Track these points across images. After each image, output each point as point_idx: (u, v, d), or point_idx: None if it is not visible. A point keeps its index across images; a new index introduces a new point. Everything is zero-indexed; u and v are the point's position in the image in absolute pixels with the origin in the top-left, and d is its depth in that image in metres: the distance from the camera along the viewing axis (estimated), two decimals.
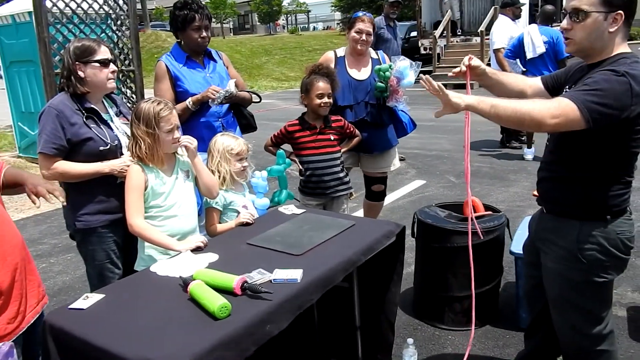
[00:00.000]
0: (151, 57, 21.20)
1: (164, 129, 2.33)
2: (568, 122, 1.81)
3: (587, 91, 1.82)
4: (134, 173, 2.35)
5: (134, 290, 1.94)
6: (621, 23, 1.88)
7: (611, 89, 1.80)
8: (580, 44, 1.95)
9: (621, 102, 1.80)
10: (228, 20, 41.77)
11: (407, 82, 3.75)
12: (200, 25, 3.13)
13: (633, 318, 3.14)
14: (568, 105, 1.80)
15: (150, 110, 2.31)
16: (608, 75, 1.84)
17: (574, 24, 1.92)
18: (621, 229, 2.00)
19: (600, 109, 1.79)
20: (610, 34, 1.89)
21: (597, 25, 1.89)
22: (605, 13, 1.87)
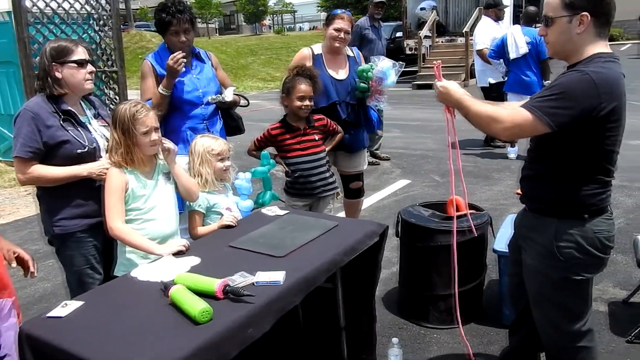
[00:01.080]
0: (135, 57, 21.02)
1: (140, 130, 2.29)
2: (524, 131, 1.95)
3: (546, 97, 1.89)
4: (114, 175, 2.32)
5: (113, 296, 1.91)
6: (589, 24, 1.91)
7: (572, 90, 1.85)
8: (554, 48, 2.03)
9: (585, 101, 1.83)
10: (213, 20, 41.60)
11: (390, 82, 3.77)
12: (178, 29, 3.08)
13: (614, 313, 3.18)
14: (522, 115, 1.90)
15: (126, 112, 2.28)
16: (571, 76, 1.89)
17: (547, 30, 2.01)
18: (599, 228, 2.02)
19: (561, 111, 1.85)
20: (579, 35, 1.93)
21: (563, 29, 1.94)
22: (569, 16, 1.92)
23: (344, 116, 3.67)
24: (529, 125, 1.89)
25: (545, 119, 1.86)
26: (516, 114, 1.92)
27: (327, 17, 3.80)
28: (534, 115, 1.87)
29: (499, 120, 1.95)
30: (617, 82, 1.90)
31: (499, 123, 1.95)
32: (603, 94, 1.83)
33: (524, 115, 1.90)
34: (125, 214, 2.34)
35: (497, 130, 2.00)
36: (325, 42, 3.75)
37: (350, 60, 3.82)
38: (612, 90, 1.86)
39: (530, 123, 1.88)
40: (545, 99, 1.89)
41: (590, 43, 1.95)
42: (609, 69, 1.89)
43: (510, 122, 1.93)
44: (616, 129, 1.93)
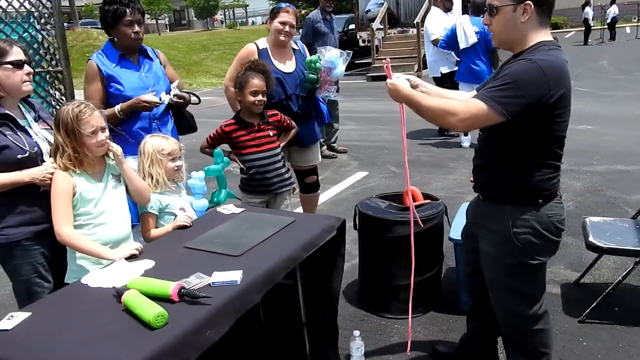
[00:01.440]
0: (82, 56, 20.32)
1: (87, 131, 2.21)
2: (479, 121, 1.96)
3: (497, 87, 1.92)
4: (60, 179, 2.22)
5: (63, 305, 1.84)
6: (532, 12, 1.95)
7: (522, 78, 1.88)
8: (500, 37, 2.07)
9: (536, 89, 1.87)
10: (163, 16, 40.72)
11: (339, 71, 3.78)
12: (133, 19, 2.98)
13: (566, 295, 3.28)
14: (477, 106, 1.92)
15: (69, 113, 2.19)
16: (520, 65, 1.92)
17: (491, 19, 2.04)
18: (552, 212, 2.08)
19: (513, 100, 1.88)
20: (524, 24, 1.97)
21: (508, 17, 1.98)
22: (513, 5, 1.95)
23: (295, 109, 3.64)
24: (484, 115, 1.91)
25: (499, 109, 1.88)
26: (470, 105, 1.94)
27: (272, 10, 3.75)
28: (487, 105, 1.90)
29: (454, 113, 1.96)
30: (564, 69, 1.95)
31: (453, 115, 1.96)
32: (551, 81, 1.88)
33: (478, 105, 1.92)
34: (75, 219, 2.26)
35: (452, 123, 2.00)
36: (271, 35, 3.71)
37: (296, 53, 3.80)
38: (559, 77, 1.91)
39: (485, 113, 1.91)
40: (497, 88, 1.91)
41: (534, 31, 1.99)
42: (555, 56, 1.94)
43: (465, 113, 1.94)
44: (565, 115, 1.98)
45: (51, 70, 5.23)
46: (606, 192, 4.98)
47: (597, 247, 2.98)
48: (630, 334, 2.85)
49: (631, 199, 4.72)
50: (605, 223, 3.25)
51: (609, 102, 9.41)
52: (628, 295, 3.21)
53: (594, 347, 2.76)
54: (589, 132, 7.18)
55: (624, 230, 3.15)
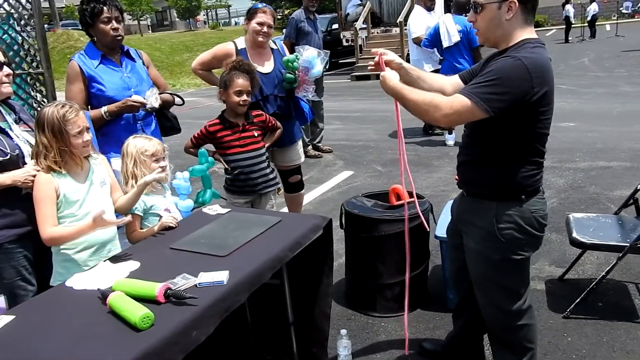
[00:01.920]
0: (63, 57, 20.14)
1: (73, 131, 2.18)
2: (462, 117, 1.96)
3: (482, 83, 1.93)
4: (42, 182, 2.19)
5: (48, 308, 1.81)
6: (517, 10, 1.97)
7: (507, 76, 1.90)
8: (485, 34, 2.08)
9: (519, 87, 1.89)
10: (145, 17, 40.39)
11: (316, 71, 3.78)
12: (110, 16, 2.96)
13: (550, 290, 3.32)
14: (460, 102, 1.93)
15: (54, 114, 2.16)
16: (505, 62, 1.93)
17: (476, 16, 2.05)
18: (535, 208, 2.10)
19: (497, 97, 1.89)
20: (508, 21, 1.99)
21: (493, 15, 1.99)
22: (498, 3, 1.97)
23: (272, 110, 3.63)
24: (467, 111, 1.93)
25: (483, 105, 1.90)
26: (454, 101, 1.95)
27: (249, 11, 3.73)
28: (471, 101, 1.91)
29: (438, 108, 1.97)
30: (547, 66, 1.97)
31: (437, 110, 1.97)
32: (535, 79, 1.89)
33: (462, 101, 1.93)
34: (60, 221, 2.22)
35: (435, 117, 2.01)
36: (248, 36, 3.70)
37: (275, 52, 3.79)
38: (543, 74, 1.93)
39: (468, 109, 1.92)
40: (481, 85, 1.93)
41: (519, 29, 2.00)
42: (539, 54, 1.96)
43: (449, 108, 1.95)
44: (548, 112, 2.00)
45: (32, 72, 5.15)
46: (589, 188, 5.04)
47: (581, 243, 3.01)
48: (614, 328, 2.88)
49: (613, 195, 4.78)
50: (588, 219, 3.29)
51: (590, 99, 9.52)
52: (611, 291, 3.25)
53: (579, 342, 2.79)
54: (571, 129, 7.27)
55: (606, 226, 3.19)
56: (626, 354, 2.68)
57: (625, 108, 8.39)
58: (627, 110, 8.20)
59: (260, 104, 3.58)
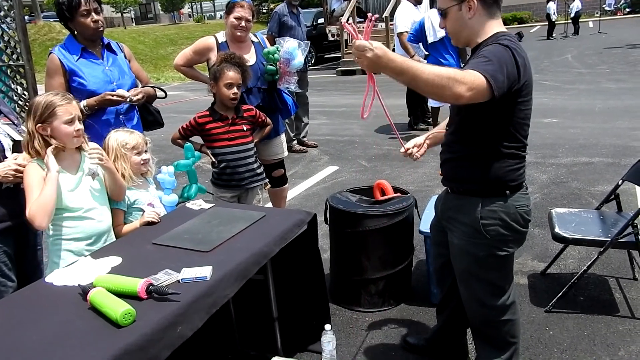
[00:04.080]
0: (45, 50, 19.81)
1: (63, 119, 2.15)
2: (479, 95, 1.77)
3: (484, 62, 1.82)
4: (32, 170, 2.16)
5: (27, 304, 1.78)
6: (477, 7, 1.98)
7: (503, 59, 1.86)
8: (455, 36, 2.11)
9: (513, 72, 1.87)
10: (129, 9, 39.92)
11: (297, 62, 3.77)
12: (89, 8, 2.89)
13: (533, 285, 3.35)
14: (479, 79, 1.76)
15: (45, 101, 2.14)
16: (495, 47, 1.91)
17: (444, 22, 2.09)
18: (519, 203, 2.11)
19: (500, 77, 1.80)
20: (471, 19, 2.00)
21: (457, 16, 2.02)
22: (457, 4, 2.00)
23: (255, 102, 3.62)
24: (482, 90, 1.76)
25: (492, 81, 1.77)
26: (475, 77, 1.76)
27: (227, 5, 3.70)
28: (484, 76, 1.77)
29: (461, 81, 1.73)
30: (527, 58, 1.97)
31: (460, 84, 1.73)
32: (520, 66, 1.89)
33: (479, 78, 1.76)
34: (57, 214, 2.19)
35: (459, 92, 1.74)
36: (227, 30, 3.69)
37: (256, 45, 3.78)
38: (525, 64, 1.93)
39: (482, 85, 1.76)
40: (485, 63, 1.81)
41: (486, 24, 2.01)
42: (517, 45, 1.96)
43: (471, 83, 1.74)
44: (528, 103, 2.01)
45: (12, 64, 5.07)
46: (571, 183, 5.10)
47: (563, 238, 3.04)
48: (594, 322, 2.92)
49: (595, 190, 4.84)
50: (570, 214, 3.32)
51: (573, 95, 9.62)
52: (592, 285, 3.29)
53: (560, 336, 2.82)
54: (554, 125, 7.33)
55: (588, 221, 3.22)
56: (606, 347, 2.71)
57: (607, 104, 8.49)
58: (608, 107, 8.31)
59: (244, 97, 3.56)
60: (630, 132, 6.71)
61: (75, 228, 2.23)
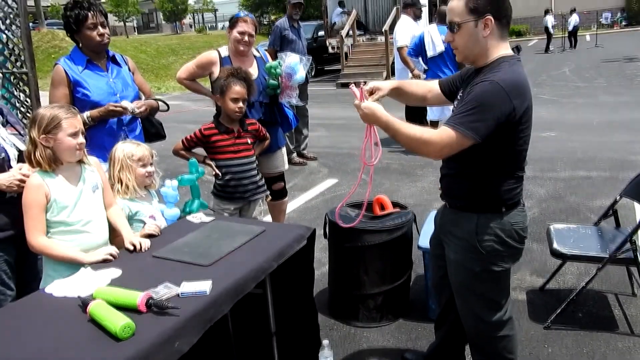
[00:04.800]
0: (48, 57, 19.95)
1: (68, 131, 2.16)
2: (454, 149, 1.99)
3: (464, 113, 1.96)
4: (33, 188, 2.16)
5: (26, 314, 1.78)
6: (493, 26, 2.00)
7: (487, 101, 1.93)
8: (463, 52, 2.10)
9: (501, 109, 1.92)
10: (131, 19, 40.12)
11: (299, 77, 3.82)
12: (96, 22, 2.94)
13: (531, 301, 3.35)
14: (449, 135, 1.96)
15: (51, 113, 2.15)
16: (482, 87, 1.96)
17: (454, 36, 2.07)
18: (515, 220, 2.13)
19: (482, 123, 1.93)
20: (485, 38, 2.02)
21: (471, 32, 2.02)
22: (474, 20, 2.00)
23: (257, 116, 3.66)
24: (456, 142, 1.96)
25: (469, 134, 1.93)
26: (443, 135, 1.98)
27: (230, 20, 3.77)
28: (457, 132, 1.94)
29: (430, 143, 2.00)
30: (524, 84, 2.00)
31: (430, 145, 2.00)
32: (514, 99, 1.93)
33: (450, 134, 1.96)
34: (53, 227, 2.20)
35: (428, 152, 2.04)
36: (230, 45, 3.73)
37: (258, 59, 3.82)
38: (521, 93, 1.96)
39: (457, 140, 1.95)
40: (464, 114, 1.96)
41: (495, 45, 2.04)
42: (516, 72, 1.99)
43: (439, 143, 1.98)
44: (528, 129, 2.04)
45: (16, 71, 5.10)
46: (569, 198, 5.11)
47: (561, 254, 3.05)
48: (594, 339, 2.92)
49: (593, 205, 4.85)
50: (568, 230, 3.33)
51: (571, 109, 9.67)
52: (591, 301, 3.29)
53: (559, 353, 2.82)
54: (552, 139, 7.37)
55: (586, 237, 3.23)
56: None
57: (604, 118, 8.54)
58: (606, 121, 8.35)
59: (245, 111, 3.58)
60: (627, 146, 6.74)
61: (72, 242, 2.23)
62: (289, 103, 3.90)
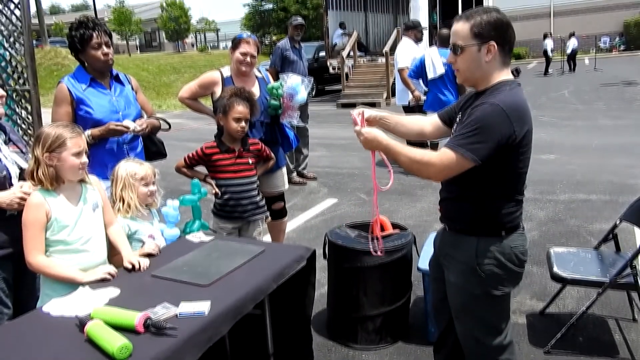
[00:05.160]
0: (50, 74, 20.11)
1: (72, 150, 2.16)
2: (453, 170, 2.00)
3: (464, 134, 1.97)
4: (33, 206, 2.15)
5: (22, 333, 1.77)
6: (495, 52, 2.02)
7: (487, 123, 1.94)
8: (464, 75, 2.12)
9: (501, 131, 1.93)
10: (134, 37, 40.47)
11: (301, 98, 3.86)
12: (100, 42, 2.98)
13: (531, 325, 3.32)
14: (448, 157, 1.98)
15: (55, 132, 2.15)
16: (483, 109, 1.97)
17: (456, 57, 2.09)
18: (515, 244, 2.12)
19: (482, 145, 1.94)
20: (487, 63, 2.03)
21: (473, 57, 2.04)
22: (478, 45, 2.01)
23: (258, 136, 3.68)
24: (456, 164, 1.97)
25: (470, 155, 1.94)
26: (443, 157, 2.00)
27: (233, 40, 3.82)
28: (457, 154, 1.96)
29: (430, 165, 2.02)
30: (525, 107, 2.01)
31: (430, 167, 2.02)
32: (515, 122, 1.94)
33: (449, 156, 1.98)
34: (53, 245, 2.19)
35: (429, 174, 2.07)
36: (232, 65, 3.77)
37: (259, 80, 3.87)
38: (522, 116, 1.97)
39: (457, 162, 1.96)
40: (464, 136, 1.97)
41: (497, 70, 2.06)
42: (517, 95, 2.01)
43: (440, 165, 2.00)
44: (527, 152, 2.05)
45: (18, 88, 5.13)
46: (569, 221, 5.11)
47: (562, 278, 3.04)
48: None
49: (593, 228, 4.85)
50: (568, 253, 3.32)
51: (570, 131, 9.71)
52: (592, 325, 3.27)
53: None
54: (551, 161, 7.38)
55: (586, 261, 3.22)
56: None
57: (603, 141, 8.57)
58: (605, 143, 8.38)
59: (247, 130, 3.60)
60: (627, 170, 6.75)
61: (71, 261, 2.22)
62: (289, 123, 3.93)
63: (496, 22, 2.00)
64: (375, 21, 20.52)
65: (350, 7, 18.77)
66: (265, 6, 38.64)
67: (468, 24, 2.02)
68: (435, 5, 17.50)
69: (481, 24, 1.99)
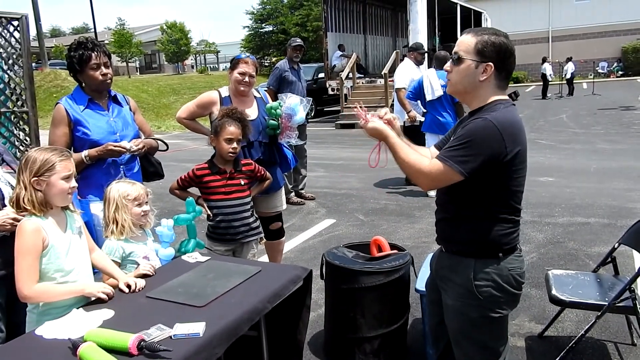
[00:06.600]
0: (49, 96, 20.19)
1: (62, 174, 2.10)
2: (441, 182, 2.03)
3: (454, 147, 1.99)
4: (29, 232, 2.05)
5: (15, 357, 1.75)
6: (491, 74, 2.03)
7: (478, 137, 1.95)
8: (455, 86, 2.13)
9: (492, 147, 1.94)
10: (134, 59, 40.77)
11: (299, 118, 3.88)
12: (99, 62, 3.00)
13: (530, 348, 3.29)
14: (437, 167, 1.99)
15: (43, 156, 2.08)
16: (475, 124, 1.98)
17: (453, 67, 2.10)
18: (512, 266, 2.11)
19: (470, 159, 1.94)
20: (481, 82, 2.04)
21: (469, 72, 2.05)
22: (477, 62, 2.03)
23: (256, 156, 3.68)
24: (445, 175, 1.98)
25: (457, 167, 1.94)
26: (433, 167, 2.01)
27: (232, 61, 3.85)
28: (445, 165, 1.96)
29: (422, 173, 2.03)
30: (519, 126, 2.02)
31: (421, 175, 2.04)
32: (507, 139, 1.94)
33: (438, 166, 1.99)
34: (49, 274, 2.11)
35: (419, 183, 2.10)
36: (231, 85, 3.79)
37: (258, 100, 3.88)
38: (515, 134, 1.98)
39: (445, 173, 1.97)
40: (454, 148, 1.98)
41: (490, 92, 2.07)
42: (511, 113, 2.01)
43: (429, 175, 2.02)
44: (522, 171, 2.05)
45: (16, 110, 5.15)
46: (567, 244, 5.09)
47: (560, 301, 3.01)
48: None
49: (592, 251, 4.83)
50: (567, 276, 3.30)
51: (569, 154, 9.74)
52: (590, 350, 3.23)
53: None
54: (550, 184, 7.38)
55: (585, 284, 3.20)
56: None
57: (601, 165, 8.59)
58: (603, 167, 8.40)
59: (245, 150, 3.60)
60: (625, 194, 6.75)
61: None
62: (288, 143, 3.94)
63: (501, 47, 2.02)
64: (374, 44, 20.73)
65: (349, 29, 18.97)
66: (265, 28, 39.09)
67: (475, 39, 2.04)
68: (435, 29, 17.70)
69: (487, 42, 2.01)
